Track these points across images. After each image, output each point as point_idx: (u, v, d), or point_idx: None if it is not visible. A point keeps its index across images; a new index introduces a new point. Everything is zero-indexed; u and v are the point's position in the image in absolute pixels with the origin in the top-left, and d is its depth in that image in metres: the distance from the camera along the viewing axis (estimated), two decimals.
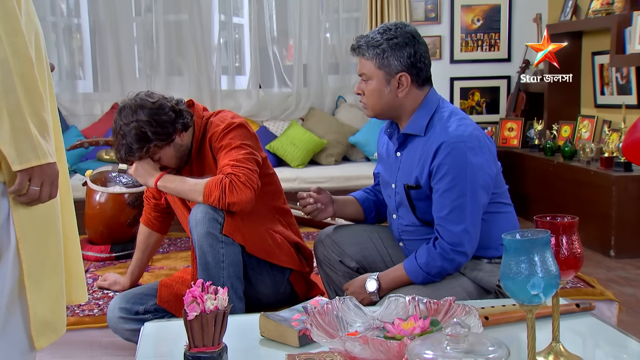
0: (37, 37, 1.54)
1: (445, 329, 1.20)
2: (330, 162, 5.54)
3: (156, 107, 2.40)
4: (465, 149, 2.09)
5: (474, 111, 6.20)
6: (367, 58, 2.21)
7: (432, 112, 2.20)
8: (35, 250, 1.53)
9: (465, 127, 2.13)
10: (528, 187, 5.49)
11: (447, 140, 2.10)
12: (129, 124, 2.36)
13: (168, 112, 2.41)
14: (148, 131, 2.36)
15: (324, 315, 1.66)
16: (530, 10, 6.09)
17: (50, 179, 1.48)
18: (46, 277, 1.55)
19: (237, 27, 6.09)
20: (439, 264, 2.13)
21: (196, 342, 1.52)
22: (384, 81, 2.20)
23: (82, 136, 5.36)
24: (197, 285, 1.54)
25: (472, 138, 2.11)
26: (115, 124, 2.41)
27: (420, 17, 6.07)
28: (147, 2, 5.77)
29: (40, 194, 1.47)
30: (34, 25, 1.53)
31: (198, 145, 2.51)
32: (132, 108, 2.39)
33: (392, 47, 2.16)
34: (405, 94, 2.20)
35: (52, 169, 1.48)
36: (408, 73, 2.18)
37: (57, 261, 1.59)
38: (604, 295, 2.75)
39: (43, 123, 1.46)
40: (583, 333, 1.83)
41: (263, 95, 5.91)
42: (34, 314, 1.54)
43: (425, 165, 2.16)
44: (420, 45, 2.19)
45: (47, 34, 5.69)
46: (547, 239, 1.38)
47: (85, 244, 3.51)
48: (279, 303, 2.52)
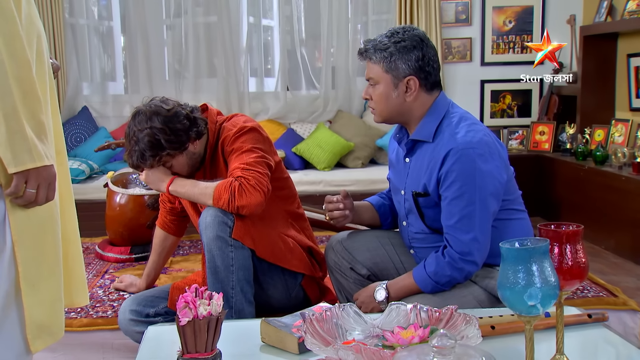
0: (39, 40, 1.54)
1: (432, 340, 1.16)
2: (357, 165, 5.50)
3: (171, 115, 2.37)
4: (474, 156, 2.03)
5: (505, 114, 6.11)
6: (374, 62, 2.16)
7: (441, 118, 2.15)
8: (32, 253, 1.53)
9: (474, 132, 2.07)
10: (559, 192, 5.38)
11: (456, 146, 2.05)
12: (143, 130, 2.35)
13: (182, 120, 2.39)
14: (162, 139, 2.35)
15: (323, 322, 1.63)
16: (564, 12, 5.97)
17: (47, 182, 1.47)
18: (43, 280, 1.55)
19: (267, 30, 6.10)
20: (448, 273, 2.08)
21: (189, 348, 1.50)
22: (391, 85, 2.15)
23: (111, 137, 5.42)
24: (191, 291, 1.53)
25: (481, 144, 2.05)
26: (129, 129, 2.40)
27: (451, 19, 5.99)
28: (177, 5, 5.81)
29: (36, 196, 1.47)
30: (36, 29, 1.53)
31: (212, 151, 2.49)
32: (146, 114, 2.37)
33: (399, 51, 2.12)
34: (413, 98, 2.16)
35: (48, 171, 1.47)
36: (416, 77, 2.13)
37: (55, 264, 1.58)
38: (626, 305, 2.66)
39: (40, 125, 1.46)
40: (592, 345, 1.77)
41: (291, 98, 5.91)
42: (29, 316, 1.53)
43: (433, 172, 2.11)
44: (428, 48, 2.14)
45: (79, 36, 5.78)
46: (545, 248, 1.33)
47: (106, 245, 3.54)
48: (291, 308, 2.48)
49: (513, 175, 2.22)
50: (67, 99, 5.66)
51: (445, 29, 5.96)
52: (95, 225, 3.74)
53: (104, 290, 2.94)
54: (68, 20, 5.70)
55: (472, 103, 6.08)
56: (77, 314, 2.65)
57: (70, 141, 5.46)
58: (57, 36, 5.53)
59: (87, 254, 3.63)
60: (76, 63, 5.72)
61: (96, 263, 3.43)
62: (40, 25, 1.56)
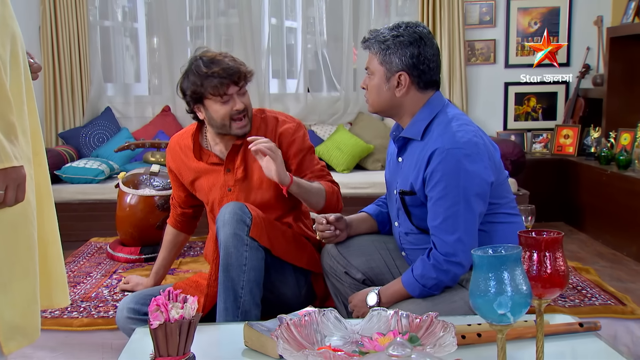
0: (14, 41, 1.54)
1: (387, 348, 1.13)
2: (376, 168, 5.47)
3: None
4: (460, 156, 1.99)
5: (530, 117, 6.01)
6: (373, 52, 2.16)
7: (432, 117, 2.12)
8: (3, 254, 1.52)
9: (464, 133, 2.03)
10: (582, 198, 5.28)
11: (442, 146, 2.02)
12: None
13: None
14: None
15: (301, 328, 1.61)
16: (591, 12, 5.86)
17: (16, 183, 1.46)
18: (15, 281, 1.54)
19: (291, 31, 6.09)
20: (434, 276, 2.05)
21: (161, 351, 1.50)
22: (384, 78, 2.14)
23: (132, 138, 5.47)
24: (164, 294, 1.52)
25: (469, 145, 2.01)
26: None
27: (475, 21, 5.93)
28: (200, 7, 5.84)
29: (5, 197, 1.46)
30: (10, 30, 1.53)
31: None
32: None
33: (395, 45, 2.10)
34: (403, 94, 2.13)
35: (17, 172, 1.46)
36: (408, 73, 2.11)
37: (29, 265, 1.57)
38: (634, 314, 2.59)
39: (10, 126, 1.45)
40: (578, 355, 1.72)
41: (311, 99, 5.89)
42: (1, 317, 1.52)
43: (420, 171, 2.08)
44: (426, 47, 2.11)
45: (104, 38, 5.86)
46: (517, 256, 1.30)
47: (116, 245, 3.56)
48: (299, 305, 2.48)
49: (506, 178, 2.17)
50: (90, 99, 5.73)
51: (469, 31, 5.89)
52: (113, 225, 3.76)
53: (110, 290, 2.96)
54: (92, 22, 5.77)
55: (495, 106, 6.00)
56: (78, 313, 2.67)
57: (93, 141, 5.52)
58: (81, 38, 5.60)
59: (99, 253, 3.67)
60: (100, 64, 5.78)
61: (106, 263, 3.46)
62: (16, 26, 1.55)
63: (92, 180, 4.92)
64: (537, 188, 5.23)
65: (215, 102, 2.40)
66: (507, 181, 2.17)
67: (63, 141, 5.60)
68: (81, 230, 4.57)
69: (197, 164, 2.56)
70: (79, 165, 4.98)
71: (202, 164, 2.55)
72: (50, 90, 5.62)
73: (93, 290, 2.97)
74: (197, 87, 2.39)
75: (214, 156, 2.54)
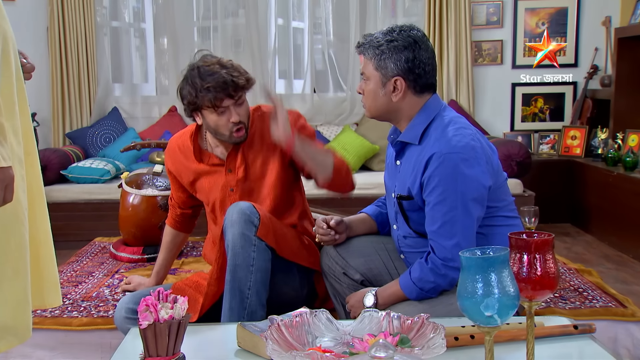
0: (5, 41, 1.54)
1: (370, 350, 1.13)
2: (382, 168, 5.41)
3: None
4: (458, 160, 1.98)
5: (537, 118, 5.98)
6: (367, 57, 2.14)
7: (430, 120, 2.11)
8: None
9: (461, 137, 2.02)
10: (589, 199, 5.25)
11: (439, 151, 2.00)
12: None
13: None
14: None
15: (292, 328, 1.61)
16: (599, 13, 5.82)
17: (4, 183, 1.45)
18: (6, 281, 1.55)
19: (299, 31, 6.09)
20: (431, 280, 2.04)
21: (150, 352, 1.50)
22: (380, 83, 2.12)
23: (138, 138, 5.48)
24: (154, 294, 1.52)
25: (466, 149, 2.00)
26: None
27: (482, 22, 5.90)
28: (207, 8, 5.85)
29: None
30: (2, 30, 1.53)
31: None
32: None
33: (390, 50, 2.08)
34: (399, 99, 2.12)
35: (5, 173, 1.46)
36: (403, 78, 2.09)
37: (20, 265, 1.57)
38: (635, 317, 2.57)
39: None
40: (572, 357, 1.70)
41: (318, 100, 5.89)
42: None
43: (417, 176, 2.07)
44: (421, 51, 2.09)
45: (112, 38, 5.88)
46: (504, 258, 1.29)
47: (119, 245, 3.57)
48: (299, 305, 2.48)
49: (505, 180, 2.16)
50: (98, 99, 5.76)
51: (476, 31, 5.87)
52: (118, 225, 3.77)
53: (111, 290, 2.97)
54: (100, 23, 5.79)
55: (502, 106, 5.98)
56: (78, 312, 2.68)
57: (99, 141, 5.54)
58: (88, 38, 5.63)
59: (103, 253, 3.68)
60: (107, 65, 5.81)
61: (109, 263, 3.47)
62: (7, 26, 1.55)
63: (98, 180, 4.94)
64: (544, 189, 5.21)
65: (211, 113, 2.41)
66: (505, 184, 2.16)
67: (70, 141, 5.63)
68: (87, 230, 4.59)
69: (198, 165, 2.57)
70: (85, 165, 5.00)
71: (203, 165, 2.56)
72: (58, 90, 5.65)
73: (94, 289, 2.98)
74: (193, 97, 2.40)
75: (214, 157, 2.55)
